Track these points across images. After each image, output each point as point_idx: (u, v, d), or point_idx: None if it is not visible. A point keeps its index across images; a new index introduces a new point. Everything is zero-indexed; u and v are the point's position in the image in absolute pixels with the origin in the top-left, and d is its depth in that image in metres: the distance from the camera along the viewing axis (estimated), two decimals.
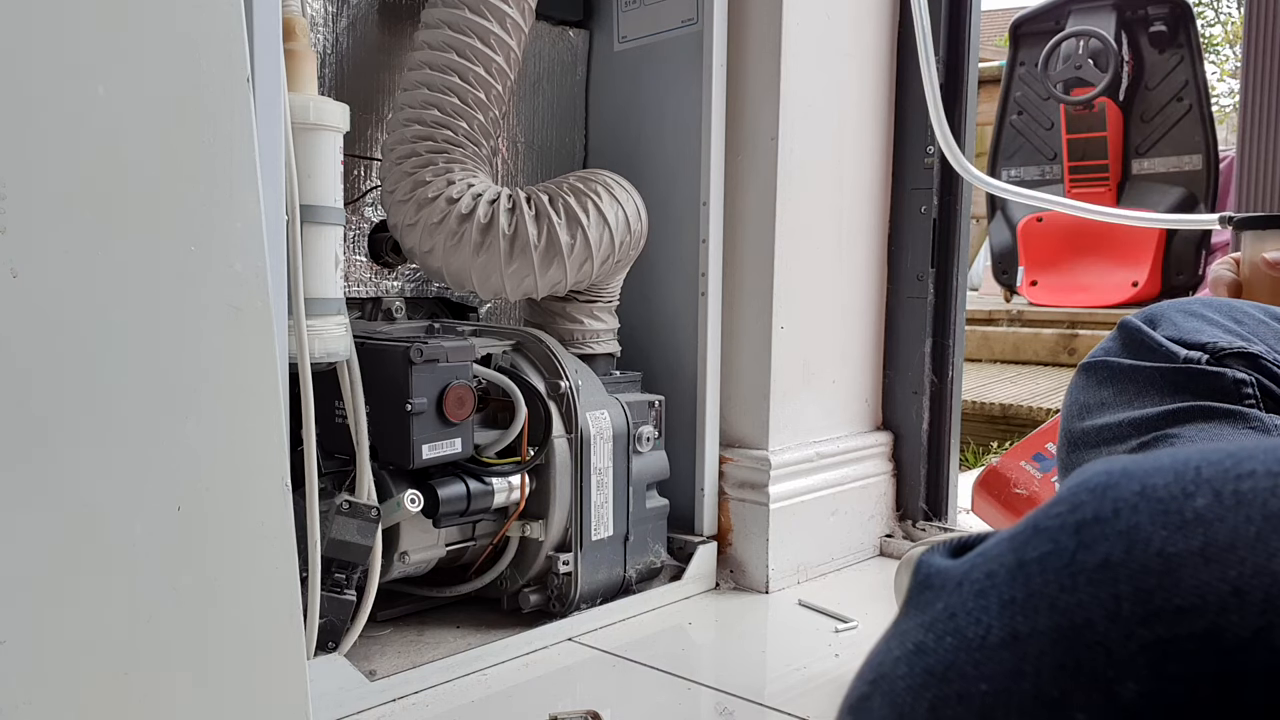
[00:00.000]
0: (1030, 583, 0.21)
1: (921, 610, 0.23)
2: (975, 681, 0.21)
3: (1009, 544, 0.23)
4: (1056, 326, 3.23)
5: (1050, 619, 0.20)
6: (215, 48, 0.60)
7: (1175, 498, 0.20)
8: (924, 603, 0.24)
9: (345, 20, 1.05)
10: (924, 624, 0.23)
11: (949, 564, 0.24)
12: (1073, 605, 0.20)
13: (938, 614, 0.23)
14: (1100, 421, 0.65)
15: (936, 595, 0.23)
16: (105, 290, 0.55)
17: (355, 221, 1.07)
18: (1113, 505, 0.21)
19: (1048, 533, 0.22)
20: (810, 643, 1.01)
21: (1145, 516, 0.20)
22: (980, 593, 0.22)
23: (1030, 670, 0.20)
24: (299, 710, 0.64)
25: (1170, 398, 0.62)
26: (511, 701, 0.88)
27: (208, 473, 0.59)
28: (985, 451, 2.57)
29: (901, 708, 0.22)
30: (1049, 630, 0.20)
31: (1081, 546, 0.21)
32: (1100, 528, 0.21)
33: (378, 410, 0.89)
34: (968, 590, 0.22)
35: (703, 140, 1.14)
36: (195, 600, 0.59)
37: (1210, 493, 0.20)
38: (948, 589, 0.23)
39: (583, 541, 1.02)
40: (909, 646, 0.23)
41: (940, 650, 0.22)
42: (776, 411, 1.18)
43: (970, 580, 0.23)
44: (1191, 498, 0.20)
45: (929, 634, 0.22)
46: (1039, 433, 1.31)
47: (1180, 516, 0.20)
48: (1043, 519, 0.22)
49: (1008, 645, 0.21)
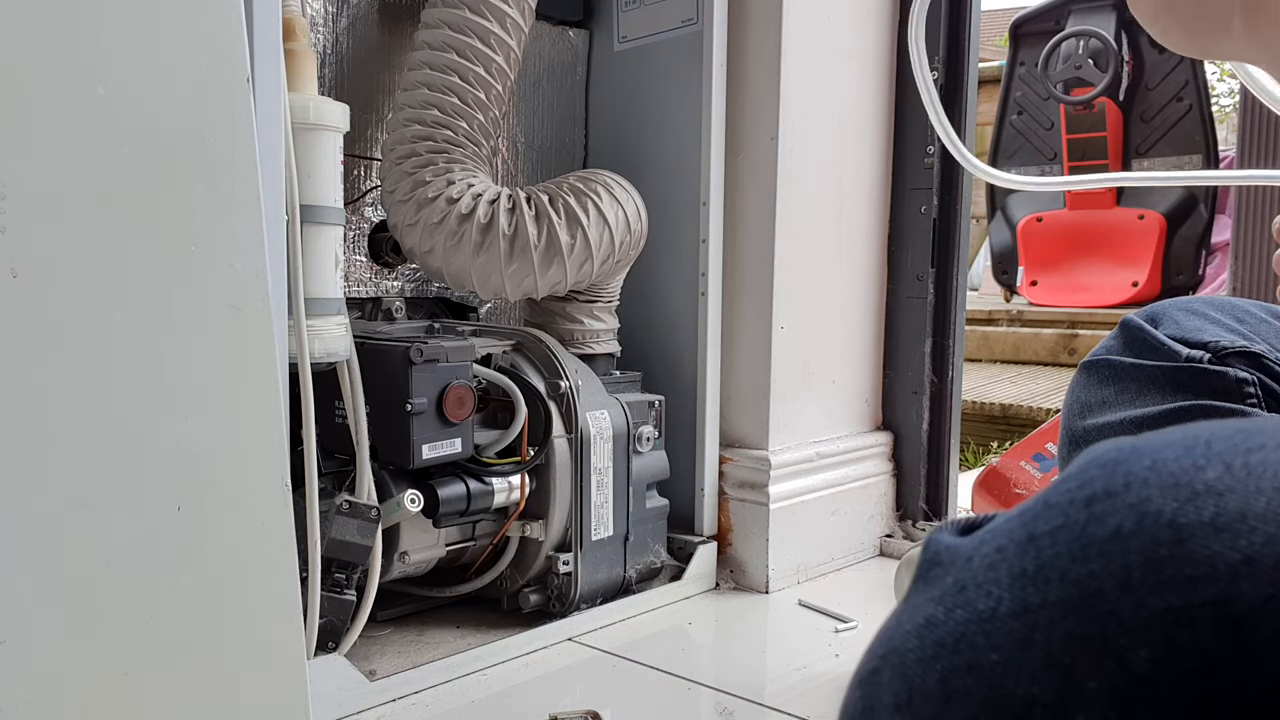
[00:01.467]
0: (1041, 555, 0.21)
1: (931, 585, 0.24)
2: (985, 652, 0.21)
3: (1019, 519, 0.23)
4: (1056, 326, 3.23)
5: (1061, 590, 0.20)
6: (215, 48, 0.60)
7: (1186, 470, 0.21)
8: (934, 578, 0.24)
9: (345, 20, 1.05)
10: (934, 598, 0.23)
11: (958, 541, 0.24)
12: (1084, 576, 0.20)
13: (948, 588, 0.23)
14: (1102, 420, 0.65)
15: (946, 570, 0.23)
16: (105, 290, 0.55)
17: (355, 221, 1.07)
18: (1123, 479, 0.21)
19: (1058, 507, 0.22)
20: (810, 643, 1.01)
21: (1156, 489, 0.21)
22: (990, 565, 0.22)
23: (1041, 640, 0.20)
24: (299, 710, 0.64)
25: (1172, 396, 0.62)
26: (511, 701, 0.88)
27: (208, 473, 0.59)
28: (985, 451, 2.57)
29: (911, 680, 0.22)
30: (1060, 601, 0.20)
31: (1092, 519, 0.21)
32: (1111, 501, 0.21)
33: (378, 410, 0.89)
34: (978, 564, 0.22)
35: (703, 140, 1.14)
36: (195, 600, 0.59)
37: (1221, 465, 0.20)
38: (958, 564, 0.23)
39: (583, 541, 1.02)
40: (919, 620, 0.23)
41: (950, 623, 0.22)
42: (776, 411, 1.18)
43: (980, 555, 0.23)
44: (1202, 470, 0.20)
45: (939, 607, 0.22)
46: (1039, 433, 1.31)
47: (1191, 488, 0.20)
48: (1053, 495, 0.22)
49: (1018, 616, 0.21)
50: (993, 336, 3.31)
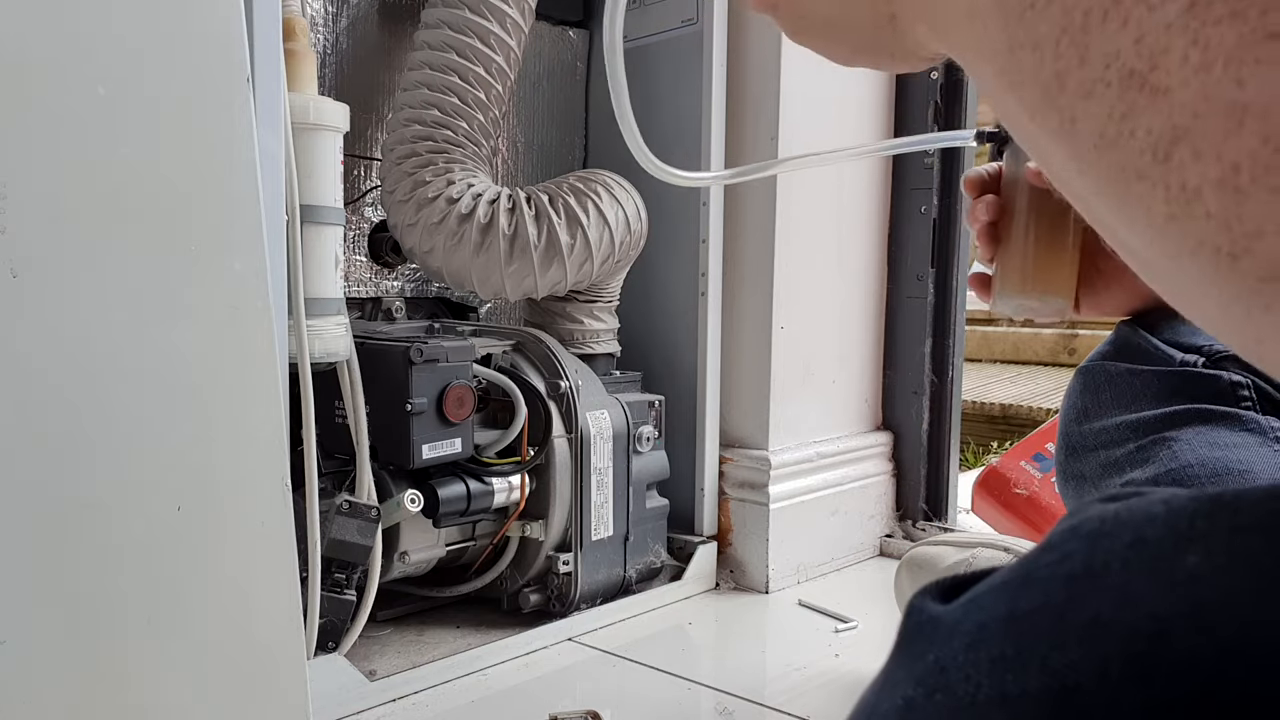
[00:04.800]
0: (1021, 638, 0.21)
1: (912, 660, 0.23)
2: None
3: (1002, 592, 0.22)
4: (1056, 326, 3.23)
5: (1040, 680, 0.20)
6: (215, 48, 0.60)
7: (1167, 555, 0.20)
8: (915, 653, 0.23)
9: (345, 20, 1.05)
10: (915, 677, 0.23)
11: (941, 610, 0.24)
12: (1062, 666, 0.20)
13: (928, 667, 0.22)
14: (1098, 424, 0.65)
15: (927, 645, 0.23)
16: (105, 290, 0.55)
17: (355, 221, 1.07)
18: (1103, 558, 0.21)
19: (1039, 584, 0.22)
20: (810, 643, 1.01)
21: (1136, 573, 0.20)
22: (971, 645, 0.22)
23: None
24: (299, 710, 0.64)
25: (1167, 400, 0.62)
26: (511, 701, 0.88)
27: (208, 473, 0.59)
28: (985, 451, 2.57)
29: None
30: (1039, 691, 0.20)
31: (1072, 601, 0.21)
32: (1091, 582, 0.21)
33: (378, 410, 0.89)
34: (959, 643, 0.22)
35: (703, 140, 1.14)
36: (195, 600, 0.59)
37: (1203, 549, 0.20)
38: (939, 639, 0.23)
39: (583, 541, 1.02)
40: (898, 701, 0.23)
41: (930, 707, 0.22)
42: (776, 411, 1.18)
43: (961, 632, 0.22)
44: (1183, 554, 0.20)
45: (919, 689, 0.22)
46: (1039, 433, 1.31)
47: (1171, 575, 0.20)
48: (1035, 567, 0.22)
49: (998, 705, 0.20)
50: (993, 336, 3.31)
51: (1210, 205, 0.19)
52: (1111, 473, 0.63)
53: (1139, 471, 0.60)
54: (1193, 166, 0.19)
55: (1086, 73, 0.21)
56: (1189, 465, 0.58)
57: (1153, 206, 0.20)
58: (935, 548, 0.94)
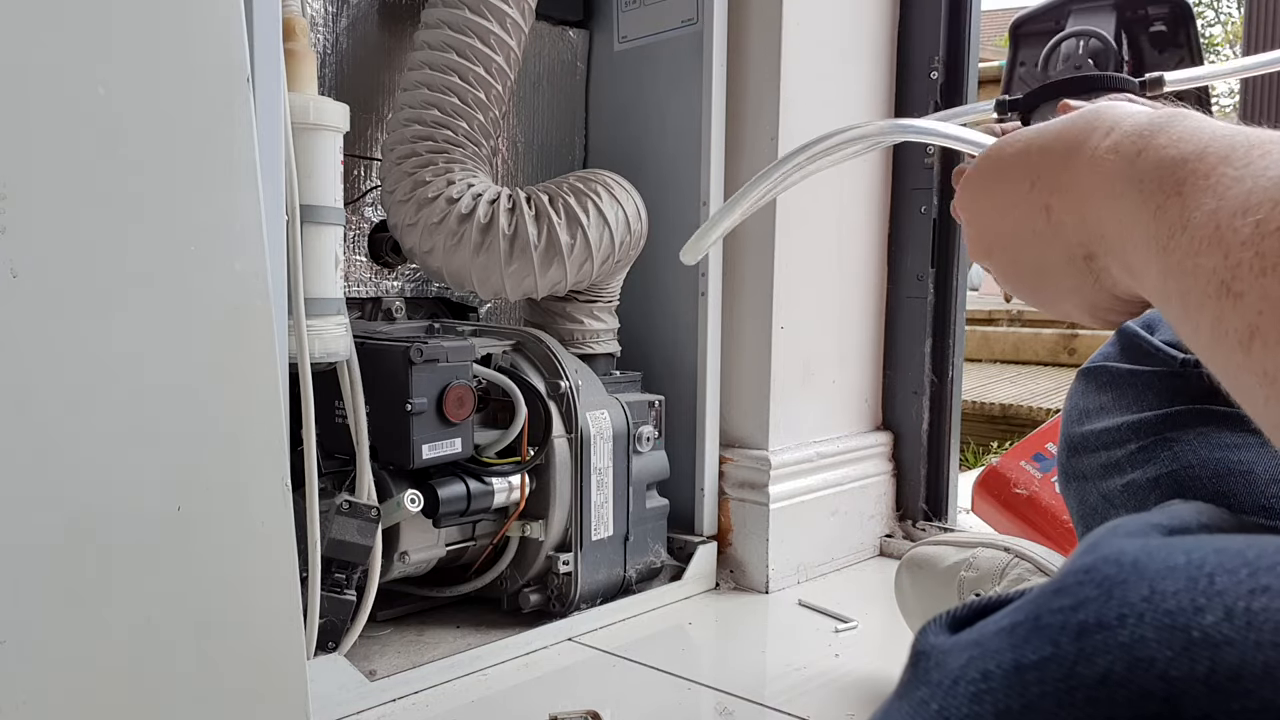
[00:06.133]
0: (1027, 693, 0.20)
1: (915, 707, 0.23)
2: None
3: (1009, 637, 0.21)
4: (1056, 326, 3.23)
5: None
6: (215, 48, 0.60)
7: (1184, 610, 0.19)
8: (918, 699, 0.23)
9: (345, 20, 1.05)
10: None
11: (948, 645, 0.23)
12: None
13: (931, 716, 0.22)
14: (1100, 426, 0.65)
15: (933, 691, 0.22)
16: (105, 290, 0.55)
17: (355, 221, 1.07)
18: (1118, 610, 0.20)
19: (1048, 632, 0.21)
20: (810, 643, 1.01)
21: (1150, 629, 0.19)
22: (975, 697, 0.21)
23: None
24: (299, 710, 0.64)
25: (1168, 401, 0.62)
26: (511, 701, 0.88)
27: (208, 473, 0.59)
28: (985, 451, 2.57)
29: None
30: None
31: (1082, 656, 0.20)
32: (1103, 636, 0.20)
33: (378, 410, 0.89)
34: (963, 693, 0.21)
35: (703, 140, 1.14)
36: (195, 600, 0.59)
37: (1221, 609, 0.19)
38: (944, 685, 0.22)
39: (583, 541, 1.02)
40: None
41: None
42: (776, 411, 1.18)
43: (966, 680, 0.22)
44: (1201, 613, 0.19)
45: None
46: (1039, 433, 1.31)
47: (1187, 635, 0.19)
48: (1045, 612, 0.21)
49: None
50: (993, 336, 3.31)
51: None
52: (1113, 473, 0.63)
53: (1140, 472, 0.60)
54: (1267, 354, 0.22)
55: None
56: (1190, 466, 0.58)
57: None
58: (935, 548, 0.94)
